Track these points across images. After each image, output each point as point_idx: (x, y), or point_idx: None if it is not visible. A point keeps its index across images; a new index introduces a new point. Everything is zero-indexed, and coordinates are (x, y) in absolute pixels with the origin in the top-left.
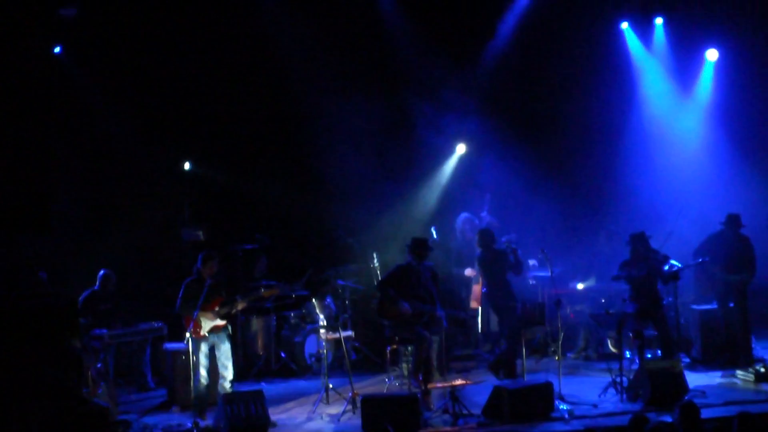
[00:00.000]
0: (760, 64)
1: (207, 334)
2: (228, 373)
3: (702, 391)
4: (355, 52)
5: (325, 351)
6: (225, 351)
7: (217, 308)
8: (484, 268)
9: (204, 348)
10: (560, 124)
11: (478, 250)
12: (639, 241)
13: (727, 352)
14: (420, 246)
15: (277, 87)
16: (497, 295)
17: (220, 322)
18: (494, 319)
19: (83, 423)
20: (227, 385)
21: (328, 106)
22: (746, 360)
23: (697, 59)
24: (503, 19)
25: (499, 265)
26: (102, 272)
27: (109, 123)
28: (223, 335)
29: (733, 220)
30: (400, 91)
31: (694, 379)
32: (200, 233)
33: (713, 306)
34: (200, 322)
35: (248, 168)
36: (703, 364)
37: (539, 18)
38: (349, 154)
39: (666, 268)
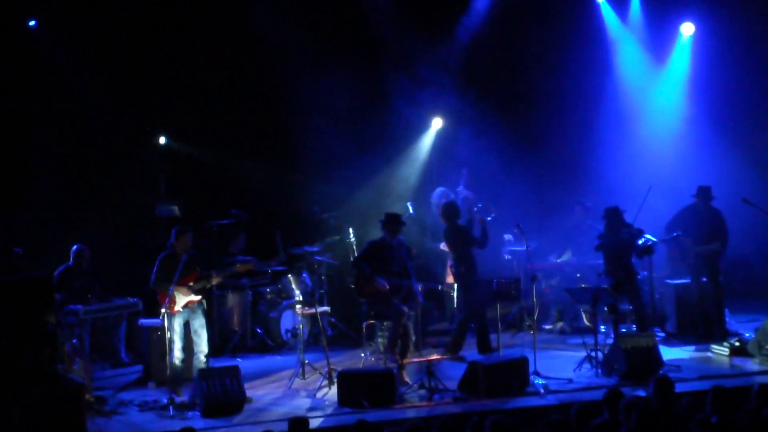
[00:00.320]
0: (735, 39)
1: (181, 309)
2: (203, 348)
3: (677, 366)
4: (331, 27)
5: (301, 326)
6: (200, 326)
7: (191, 283)
8: (449, 243)
9: (179, 323)
10: (536, 98)
11: (443, 225)
12: (613, 215)
13: (701, 327)
14: (393, 221)
15: (253, 61)
16: (460, 271)
17: (194, 298)
18: None
19: (59, 399)
20: (203, 361)
21: (304, 81)
22: (720, 334)
23: (672, 33)
24: None
25: (462, 240)
26: (75, 247)
27: (83, 97)
28: (198, 310)
29: (703, 192)
30: (376, 66)
31: (669, 354)
32: (175, 209)
33: (688, 280)
34: (175, 297)
35: (224, 143)
36: (677, 338)
37: None
38: (325, 129)
39: (640, 242)
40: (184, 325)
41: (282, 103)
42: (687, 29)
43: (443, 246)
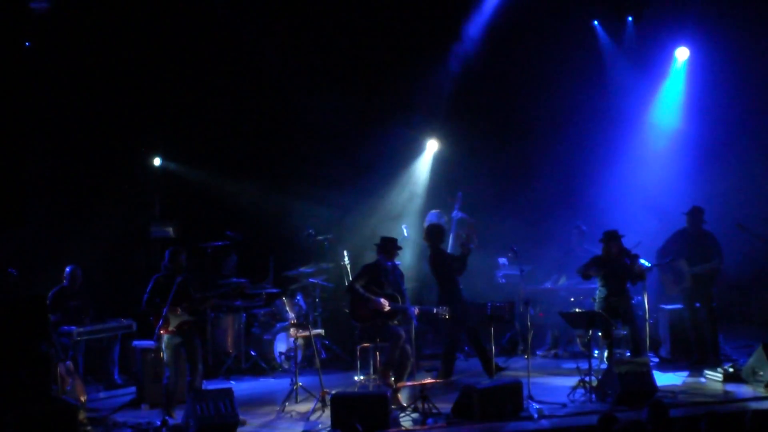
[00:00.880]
0: (730, 64)
1: (175, 330)
2: (197, 370)
3: (671, 391)
4: (327, 50)
5: (295, 349)
6: (194, 348)
7: (185, 305)
8: (431, 266)
9: (173, 345)
10: (531, 122)
11: (427, 250)
12: (612, 239)
13: (695, 352)
14: (390, 245)
15: (248, 84)
16: (443, 296)
17: (188, 319)
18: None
19: (52, 421)
20: (197, 383)
21: (299, 104)
22: (714, 360)
23: (667, 58)
24: (475, 16)
25: (445, 268)
26: (69, 268)
27: (78, 117)
28: (192, 332)
29: (695, 213)
30: (371, 89)
31: (663, 379)
32: (170, 230)
33: (681, 306)
34: (169, 318)
35: (219, 164)
36: (671, 363)
37: (510, 16)
38: (320, 151)
39: (635, 267)
40: (178, 347)
41: (277, 125)
42: (682, 54)
43: None
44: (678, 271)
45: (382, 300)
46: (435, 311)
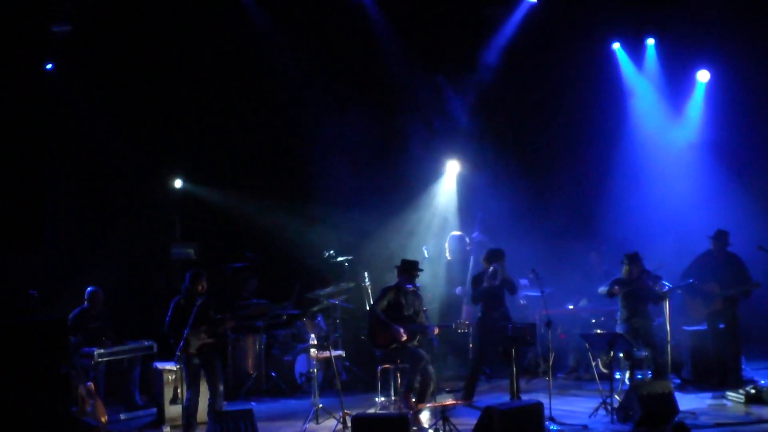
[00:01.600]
0: (751, 86)
1: (196, 352)
2: (218, 391)
3: (692, 413)
4: (348, 73)
5: (315, 370)
6: (215, 369)
7: (206, 326)
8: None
9: (194, 367)
10: (552, 144)
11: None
12: (633, 261)
13: (717, 374)
14: (410, 268)
15: (269, 106)
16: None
17: (209, 341)
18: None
19: None
20: (217, 404)
21: (320, 125)
22: (736, 381)
23: (688, 80)
24: (496, 38)
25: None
26: (90, 289)
27: (100, 140)
28: (213, 354)
29: (721, 236)
30: (393, 111)
31: (685, 401)
32: (191, 251)
33: (704, 327)
34: (190, 340)
35: (240, 186)
36: (693, 385)
37: (532, 38)
38: (341, 172)
39: (657, 288)
40: (198, 368)
41: (298, 146)
42: (703, 76)
43: (459, 291)
44: (708, 294)
45: (401, 330)
46: (453, 326)
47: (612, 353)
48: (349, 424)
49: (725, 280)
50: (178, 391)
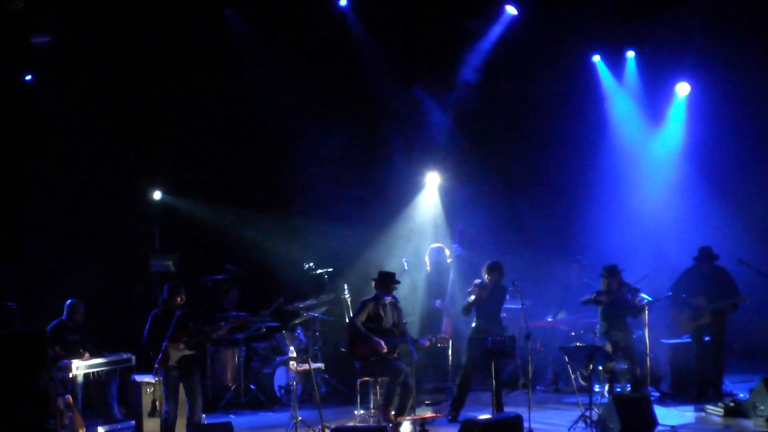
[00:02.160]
0: (731, 99)
1: (175, 365)
2: (197, 404)
3: (671, 426)
4: (329, 86)
5: (294, 383)
6: (194, 382)
7: (185, 339)
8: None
9: (173, 379)
10: (532, 157)
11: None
12: (612, 274)
13: (696, 387)
14: (387, 279)
15: (250, 118)
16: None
17: (188, 353)
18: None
19: None
20: (196, 417)
21: (301, 138)
22: (715, 394)
23: (668, 93)
24: (476, 50)
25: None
26: (69, 302)
27: (78, 151)
28: (192, 366)
29: (705, 253)
30: (373, 124)
31: (664, 413)
32: (170, 263)
33: (683, 340)
34: (169, 353)
35: (219, 198)
36: (672, 398)
37: (512, 51)
38: (321, 184)
39: (635, 301)
40: (177, 381)
41: (278, 158)
42: (682, 89)
43: (439, 303)
44: (696, 308)
45: (382, 342)
46: (432, 341)
47: (591, 366)
48: None
49: (713, 294)
50: (157, 403)
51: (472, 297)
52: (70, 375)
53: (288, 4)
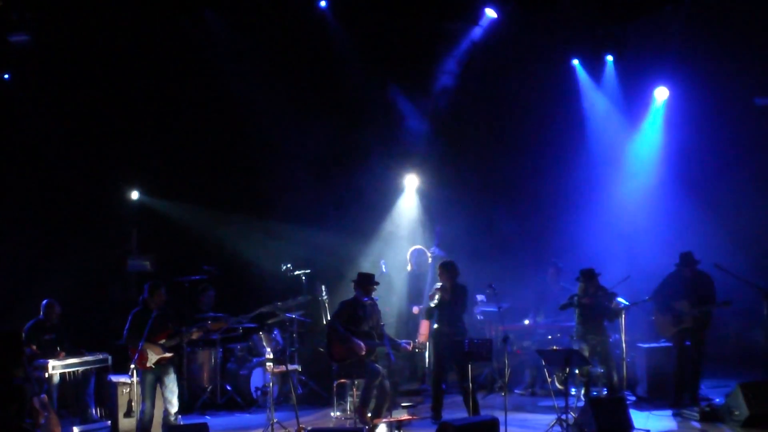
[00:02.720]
0: (709, 104)
1: (153, 366)
2: (173, 405)
3: (647, 430)
4: (309, 88)
5: (271, 384)
6: (170, 383)
7: (163, 341)
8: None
9: (149, 380)
10: (510, 160)
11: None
12: (588, 277)
13: (673, 391)
14: (366, 281)
15: (227, 119)
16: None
17: (166, 355)
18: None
19: None
20: (172, 418)
21: (279, 139)
22: (691, 399)
23: (646, 97)
24: (455, 53)
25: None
26: (45, 301)
27: (56, 151)
28: (168, 367)
29: (686, 258)
30: (353, 126)
31: (639, 417)
32: (147, 264)
33: (660, 344)
34: (146, 353)
35: (197, 199)
36: (648, 402)
37: (491, 55)
38: (300, 186)
39: (612, 305)
40: (155, 382)
41: (256, 159)
42: (661, 93)
43: (415, 309)
44: (679, 313)
45: (361, 344)
46: (410, 347)
47: (568, 369)
48: None
49: (695, 299)
50: (133, 404)
51: (436, 300)
52: (46, 375)
53: (268, 6)
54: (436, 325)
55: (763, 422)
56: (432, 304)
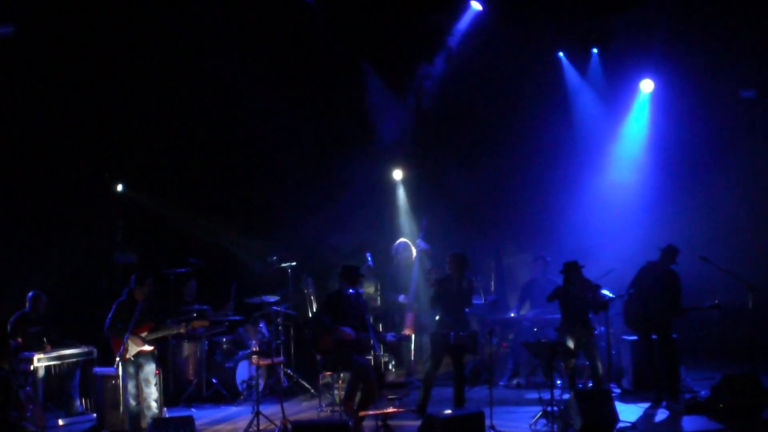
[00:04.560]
0: (694, 96)
1: (133, 358)
2: (152, 394)
3: (633, 423)
4: (293, 80)
5: (257, 377)
6: (148, 372)
7: (145, 334)
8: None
9: (131, 371)
10: (496, 152)
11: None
12: (572, 270)
13: (656, 383)
14: (351, 273)
15: (212, 112)
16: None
17: (147, 348)
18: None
19: None
20: (154, 409)
21: (263, 131)
22: (676, 391)
23: (632, 89)
24: (442, 45)
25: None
26: (31, 293)
27: (41, 143)
28: (148, 357)
29: (666, 253)
30: (337, 118)
31: (625, 409)
32: (133, 256)
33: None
34: (128, 345)
35: (183, 191)
36: (633, 394)
37: (477, 46)
38: (284, 180)
39: (597, 298)
40: (137, 373)
41: (241, 153)
42: (646, 85)
43: (402, 298)
44: (641, 304)
45: (350, 330)
46: (397, 339)
47: (553, 362)
48: (290, 431)
49: (655, 295)
50: (118, 396)
51: (433, 282)
52: (32, 367)
53: None
54: (438, 317)
55: (748, 413)
56: (432, 295)
